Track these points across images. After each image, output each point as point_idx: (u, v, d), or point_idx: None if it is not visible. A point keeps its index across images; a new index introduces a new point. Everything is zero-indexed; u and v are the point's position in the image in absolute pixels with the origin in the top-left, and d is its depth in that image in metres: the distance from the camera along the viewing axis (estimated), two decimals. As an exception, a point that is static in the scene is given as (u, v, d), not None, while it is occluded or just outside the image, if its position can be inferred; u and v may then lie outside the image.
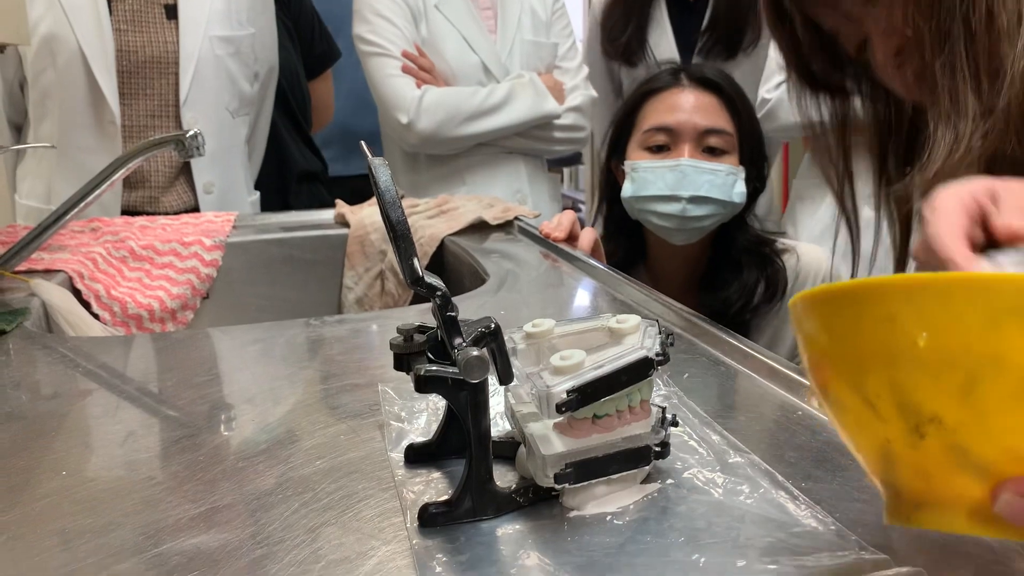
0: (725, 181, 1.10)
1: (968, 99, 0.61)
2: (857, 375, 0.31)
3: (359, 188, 1.97)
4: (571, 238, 1.06)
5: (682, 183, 1.09)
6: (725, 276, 1.16)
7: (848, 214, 0.79)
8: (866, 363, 0.30)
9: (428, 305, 0.42)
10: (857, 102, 0.77)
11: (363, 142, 0.45)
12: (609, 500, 0.42)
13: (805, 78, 0.76)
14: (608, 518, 0.40)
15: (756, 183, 1.16)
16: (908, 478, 0.31)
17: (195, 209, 1.43)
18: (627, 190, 1.14)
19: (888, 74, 0.68)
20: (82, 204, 0.92)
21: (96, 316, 0.97)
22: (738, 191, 1.11)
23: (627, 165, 1.15)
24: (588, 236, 1.05)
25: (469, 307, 0.79)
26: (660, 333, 0.44)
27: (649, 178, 1.11)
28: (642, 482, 0.43)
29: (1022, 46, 0.58)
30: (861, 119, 0.77)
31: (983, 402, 0.28)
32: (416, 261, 0.40)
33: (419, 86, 1.50)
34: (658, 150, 1.13)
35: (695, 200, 1.09)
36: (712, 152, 1.12)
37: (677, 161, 1.10)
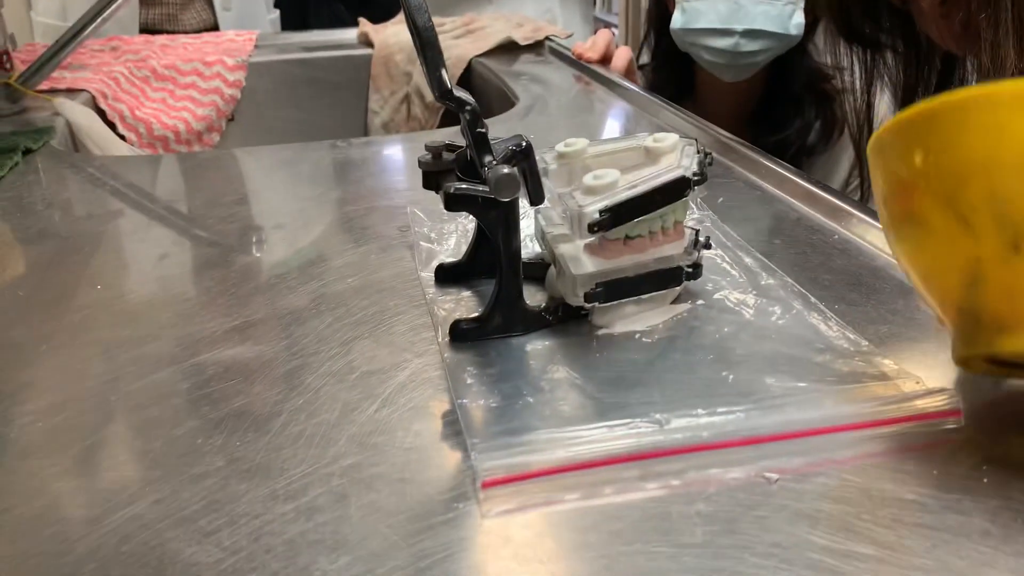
0: (782, 12, 1.02)
1: (1009, 56, 0.61)
2: (953, 189, 0.30)
3: (383, 9, 1.89)
4: (605, 60, 1.02)
5: (736, 15, 1.01)
6: (783, 114, 1.09)
7: (864, 165, 0.82)
8: (966, 175, 0.29)
9: (456, 129, 0.41)
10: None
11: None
12: (638, 319, 0.42)
13: (842, 28, 0.78)
14: (637, 336, 0.40)
15: (816, 10, 1.07)
16: (994, 299, 0.30)
17: (214, 28, 1.39)
18: (676, 21, 1.06)
19: (933, 23, 0.69)
20: (99, 19, 0.89)
21: (122, 137, 0.96)
22: (796, 22, 1.03)
23: None
24: (623, 56, 1.00)
25: (497, 131, 0.77)
26: (699, 153, 0.43)
27: (700, 8, 1.03)
28: (672, 303, 0.43)
29: None
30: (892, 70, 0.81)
31: None
32: (444, 73, 0.38)
33: None
34: None
35: (749, 34, 1.02)
36: None
37: None
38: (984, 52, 0.61)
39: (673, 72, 1.12)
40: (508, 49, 1.13)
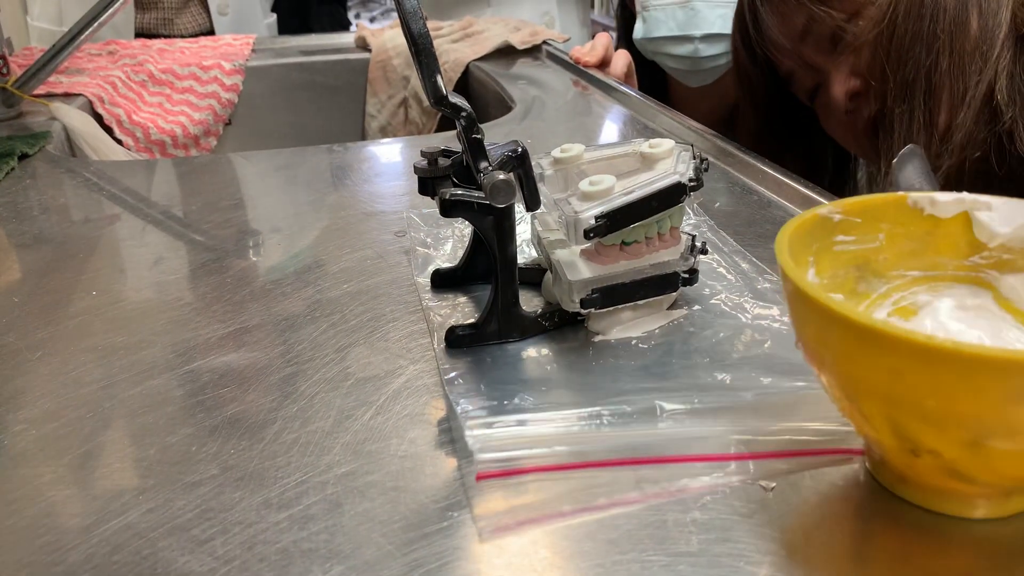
0: None
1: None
2: (853, 391, 0.28)
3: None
4: (603, 64, 1.02)
5: (693, 20, 1.01)
6: None
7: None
8: (866, 391, 0.28)
9: (453, 133, 0.41)
10: None
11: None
12: (635, 325, 0.42)
13: (760, 120, 0.84)
14: (633, 342, 0.40)
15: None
16: (896, 463, 0.30)
17: (210, 32, 1.39)
18: (638, 31, 1.06)
19: (837, 121, 0.72)
20: (95, 24, 0.89)
21: (119, 142, 0.96)
22: None
23: (638, 2, 1.07)
24: (622, 60, 1.00)
25: (494, 135, 0.77)
26: (694, 158, 0.43)
27: (659, 17, 1.03)
28: (668, 308, 0.43)
29: (962, 119, 0.61)
30: None
31: (988, 454, 0.26)
32: (439, 78, 0.38)
33: None
34: None
35: (708, 39, 1.01)
36: None
37: None
38: (898, 147, 0.64)
39: (645, 80, 1.12)
40: (505, 53, 1.13)
